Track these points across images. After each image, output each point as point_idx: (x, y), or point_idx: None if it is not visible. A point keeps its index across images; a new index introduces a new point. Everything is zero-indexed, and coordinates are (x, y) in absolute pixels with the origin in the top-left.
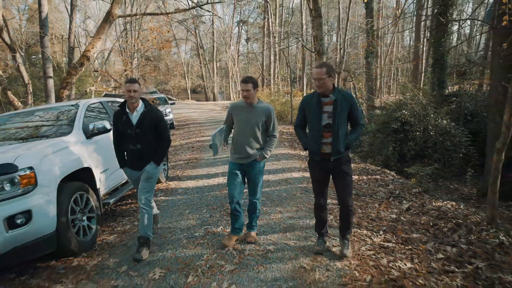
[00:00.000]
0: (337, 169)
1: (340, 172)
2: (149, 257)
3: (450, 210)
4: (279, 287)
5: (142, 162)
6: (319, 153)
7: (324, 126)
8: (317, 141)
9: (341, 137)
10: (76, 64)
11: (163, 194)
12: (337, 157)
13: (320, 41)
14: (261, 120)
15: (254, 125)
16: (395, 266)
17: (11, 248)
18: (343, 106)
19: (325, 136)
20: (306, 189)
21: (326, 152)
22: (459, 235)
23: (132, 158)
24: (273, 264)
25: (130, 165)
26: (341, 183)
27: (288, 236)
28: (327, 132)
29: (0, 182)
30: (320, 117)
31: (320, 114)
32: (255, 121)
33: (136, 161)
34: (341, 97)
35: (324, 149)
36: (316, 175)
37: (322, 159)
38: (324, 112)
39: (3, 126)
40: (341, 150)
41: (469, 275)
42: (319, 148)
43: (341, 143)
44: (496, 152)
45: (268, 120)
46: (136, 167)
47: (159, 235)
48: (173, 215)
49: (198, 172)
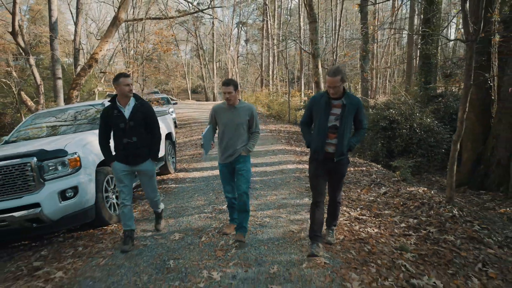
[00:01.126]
0: (337, 168)
1: (337, 172)
2: (168, 228)
3: (420, 193)
4: (273, 243)
5: (136, 156)
6: (323, 152)
7: (330, 127)
8: (322, 140)
9: (345, 140)
10: (85, 65)
11: (173, 182)
12: (340, 158)
13: (315, 45)
14: (245, 119)
15: (239, 125)
16: (364, 231)
17: (62, 216)
18: (350, 110)
19: (330, 137)
20: (298, 178)
21: (329, 152)
22: (421, 211)
23: (126, 153)
24: (269, 229)
25: (122, 160)
26: (336, 181)
27: (281, 211)
28: (332, 133)
29: (54, 164)
30: (327, 118)
31: (328, 115)
32: (239, 121)
33: (131, 156)
34: (349, 102)
35: (328, 149)
36: (316, 172)
37: (325, 158)
38: (332, 114)
39: (45, 122)
40: (344, 152)
41: (421, 237)
42: (323, 147)
43: (345, 145)
44: (453, 143)
45: (251, 119)
46: (130, 161)
47: (176, 212)
48: (184, 197)
49: (202, 165)
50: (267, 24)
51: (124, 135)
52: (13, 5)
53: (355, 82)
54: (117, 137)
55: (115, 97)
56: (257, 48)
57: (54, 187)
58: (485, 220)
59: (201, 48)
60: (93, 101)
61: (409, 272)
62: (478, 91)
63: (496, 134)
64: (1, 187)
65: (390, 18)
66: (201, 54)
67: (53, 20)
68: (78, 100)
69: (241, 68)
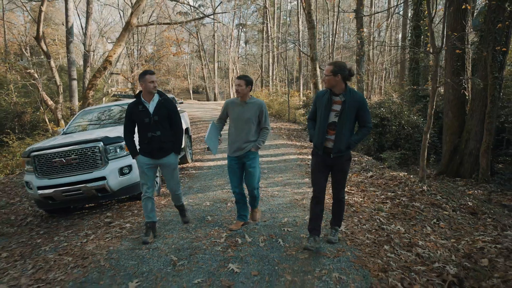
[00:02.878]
0: (336, 165)
1: (339, 168)
2: (199, 199)
3: (400, 176)
4: (282, 207)
5: (160, 150)
6: (322, 147)
7: (330, 124)
8: (321, 136)
9: (343, 137)
10: (100, 67)
11: (193, 169)
12: (337, 155)
13: (313, 50)
14: (255, 115)
15: (248, 120)
16: (352, 200)
17: (120, 188)
18: (350, 107)
19: (330, 133)
20: (299, 165)
21: (328, 147)
22: (398, 187)
23: (150, 146)
24: (278, 198)
25: (147, 154)
26: (338, 177)
27: (286, 187)
28: (332, 129)
29: (114, 148)
30: (328, 114)
31: (329, 112)
32: (249, 116)
33: (155, 149)
34: (351, 99)
35: (327, 144)
36: (316, 167)
37: (324, 153)
38: (333, 110)
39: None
40: (342, 148)
41: (395, 204)
42: (322, 142)
43: (343, 142)
44: (424, 134)
45: (260, 115)
46: (154, 155)
47: (202, 189)
48: (206, 179)
49: (215, 157)
50: (267, 26)
51: (149, 129)
52: (39, 14)
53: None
54: (141, 131)
55: (140, 93)
56: (257, 49)
57: (115, 165)
58: (446, 193)
59: (202, 49)
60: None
61: (381, 222)
62: (455, 92)
63: (469, 129)
64: (77, 164)
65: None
66: (202, 55)
67: (69, 25)
68: (93, 99)
69: (241, 69)
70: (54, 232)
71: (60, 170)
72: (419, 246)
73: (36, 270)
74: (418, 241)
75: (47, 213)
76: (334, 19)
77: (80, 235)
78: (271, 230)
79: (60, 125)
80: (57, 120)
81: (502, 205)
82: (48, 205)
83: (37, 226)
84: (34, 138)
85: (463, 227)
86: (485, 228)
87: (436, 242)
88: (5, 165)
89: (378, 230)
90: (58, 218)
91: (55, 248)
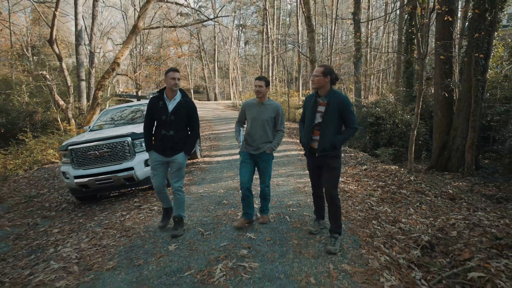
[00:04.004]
0: (323, 163)
1: (326, 166)
2: (213, 187)
3: (392, 169)
4: (287, 193)
5: (172, 150)
6: (308, 147)
7: (316, 125)
8: (307, 136)
9: (327, 136)
10: (109, 69)
11: (203, 164)
12: (322, 153)
13: (313, 53)
14: (271, 116)
15: (265, 121)
16: (347, 188)
17: (145, 177)
18: (333, 108)
19: (315, 133)
20: (300, 159)
21: (314, 148)
22: (389, 178)
23: (162, 144)
24: (283, 187)
25: (158, 150)
26: (326, 175)
27: (289, 178)
28: (317, 130)
29: (140, 142)
30: (314, 115)
31: (314, 113)
32: (265, 117)
33: (166, 148)
34: (334, 100)
35: (314, 145)
36: (310, 166)
37: (311, 153)
38: (318, 111)
39: (117, 115)
40: (326, 147)
41: (385, 191)
42: (308, 143)
43: (327, 141)
44: (411, 131)
45: (276, 116)
46: (164, 153)
47: (214, 179)
48: (217, 172)
49: (222, 153)
50: (267, 28)
51: (163, 127)
52: (53, 18)
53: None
54: (157, 128)
55: (164, 90)
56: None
57: (141, 157)
58: (430, 183)
59: (203, 49)
60: (144, 100)
61: (372, 205)
62: (443, 93)
63: (456, 127)
64: (109, 157)
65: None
66: (202, 55)
67: (78, 28)
68: (101, 99)
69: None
70: (91, 214)
71: (93, 162)
72: (402, 222)
73: (90, 239)
74: (402, 218)
75: (78, 200)
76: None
77: (116, 215)
78: (279, 210)
79: (71, 124)
80: (68, 119)
81: (482, 195)
82: (82, 192)
83: (73, 211)
84: (49, 136)
85: (441, 209)
86: (460, 209)
87: (417, 220)
88: (23, 161)
89: (368, 210)
90: (89, 205)
91: (99, 225)
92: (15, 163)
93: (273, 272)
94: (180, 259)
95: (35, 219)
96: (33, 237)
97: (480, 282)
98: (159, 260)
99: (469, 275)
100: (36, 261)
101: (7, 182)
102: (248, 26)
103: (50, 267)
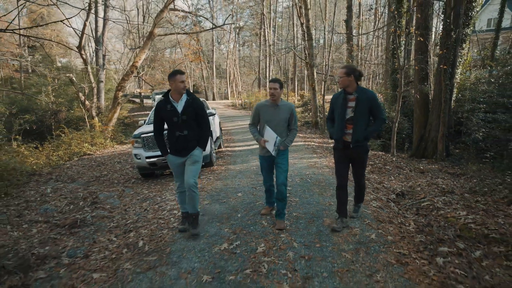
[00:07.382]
0: (355, 155)
1: (358, 159)
2: (245, 167)
3: (379, 154)
4: (302, 168)
5: (187, 149)
6: (342, 141)
7: (348, 119)
8: (341, 131)
9: (360, 129)
10: (128, 71)
11: (229, 152)
12: (356, 145)
13: (312, 58)
14: (286, 116)
15: (280, 121)
16: None
17: None
18: (363, 102)
19: (348, 127)
20: (307, 147)
21: (347, 141)
22: (377, 159)
23: (177, 145)
24: (299, 164)
25: (174, 152)
26: (357, 167)
27: (302, 159)
28: (349, 124)
29: None
30: (345, 111)
31: (345, 109)
32: (281, 118)
33: (181, 148)
34: (363, 95)
35: (347, 138)
36: (338, 159)
37: (344, 146)
38: (348, 107)
39: None
40: (360, 139)
41: (373, 167)
42: (342, 137)
43: (360, 133)
44: (393, 123)
45: (290, 116)
46: (181, 153)
47: (244, 161)
48: (243, 157)
49: (239, 144)
50: (264, 32)
51: (177, 129)
52: (83, 27)
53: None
54: (170, 130)
55: (168, 93)
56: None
57: None
58: (407, 162)
59: (201, 51)
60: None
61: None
62: (422, 95)
63: (431, 122)
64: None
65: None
66: (201, 56)
67: (98, 35)
68: (121, 99)
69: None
70: (163, 183)
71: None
72: (385, 184)
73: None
74: (385, 182)
75: (142, 176)
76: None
77: None
78: (300, 176)
79: (94, 121)
80: (92, 116)
81: (447, 173)
82: (149, 169)
83: (142, 184)
84: (80, 132)
85: (413, 178)
86: (425, 178)
87: (395, 183)
88: (65, 153)
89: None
90: (151, 180)
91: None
92: (57, 154)
93: (308, 200)
94: (250, 197)
95: (120, 187)
96: (129, 197)
97: (427, 208)
98: (236, 198)
99: (422, 204)
100: (153, 204)
101: (61, 168)
102: (245, 28)
103: (166, 204)
